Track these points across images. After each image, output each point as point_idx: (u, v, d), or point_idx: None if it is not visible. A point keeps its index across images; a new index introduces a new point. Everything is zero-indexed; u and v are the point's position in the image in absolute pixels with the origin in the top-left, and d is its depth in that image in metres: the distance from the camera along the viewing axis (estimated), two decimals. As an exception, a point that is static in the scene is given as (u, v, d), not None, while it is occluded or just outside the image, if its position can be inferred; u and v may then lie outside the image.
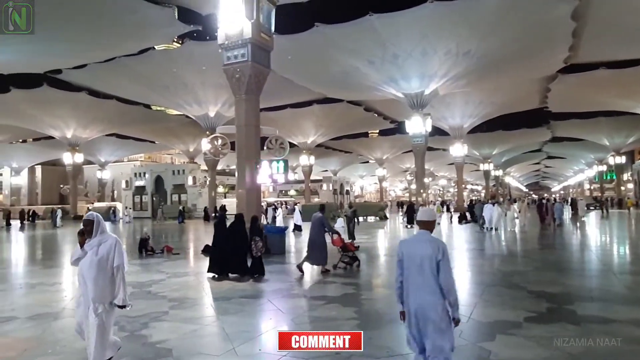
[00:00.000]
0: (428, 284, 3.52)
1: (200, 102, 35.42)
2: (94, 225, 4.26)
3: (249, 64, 13.81)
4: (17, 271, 12.56)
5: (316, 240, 10.62)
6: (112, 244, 4.25)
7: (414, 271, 3.59)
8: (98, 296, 4.13)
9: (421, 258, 3.56)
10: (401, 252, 3.74)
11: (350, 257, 11.01)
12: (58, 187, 65.68)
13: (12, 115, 39.22)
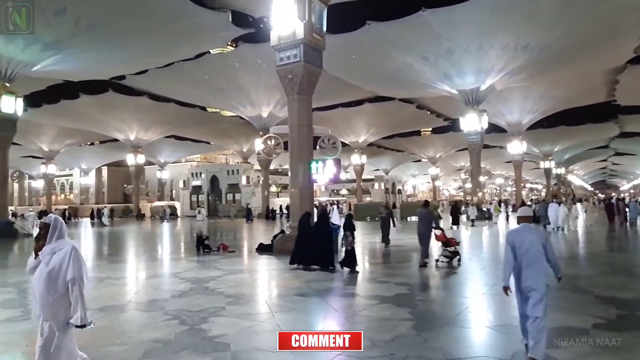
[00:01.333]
0: (537, 263, 4.56)
1: (254, 103, 36.22)
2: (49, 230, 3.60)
3: (302, 65, 13.93)
4: (86, 266, 13.37)
5: (424, 234, 11.21)
6: (67, 252, 3.55)
7: (524, 253, 4.58)
8: (46, 313, 3.51)
9: (529, 243, 4.60)
10: (512, 240, 4.69)
11: (451, 252, 11.21)
12: (122, 187, 69.48)
13: (81, 119, 42.01)
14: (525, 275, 4.57)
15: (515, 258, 4.62)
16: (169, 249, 18.29)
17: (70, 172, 71.07)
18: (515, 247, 4.63)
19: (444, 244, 11.38)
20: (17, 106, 23.56)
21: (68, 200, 70.01)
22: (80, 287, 3.56)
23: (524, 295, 4.60)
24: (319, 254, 10.94)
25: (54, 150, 52.13)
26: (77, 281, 3.54)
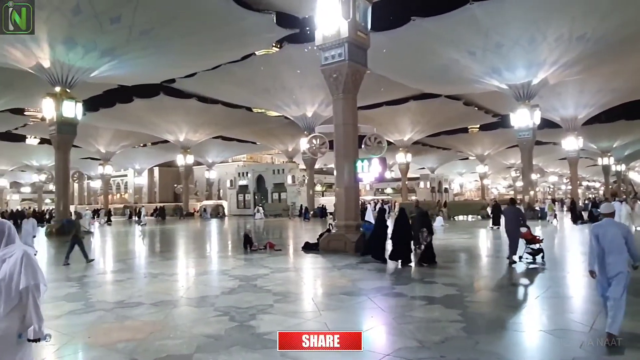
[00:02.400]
0: (618, 252, 5.09)
1: (299, 103, 36.55)
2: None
3: (346, 64, 13.91)
4: (140, 262, 13.96)
5: (512, 231, 11.35)
6: (17, 259, 3.11)
7: (608, 243, 5.12)
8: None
9: (612, 235, 5.14)
10: (596, 232, 5.23)
11: (534, 250, 11.19)
12: (172, 186, 72.12)
13: (135, 122, 44.00)
14: (608, 262, 5.11)
15: (598, 247, 5.20)
16: (216, 247, 18.78)
17: (125, 173, 74.49)
18: (599, 237, 5.19)
19: (528, 242, 11.39)
20: (77, 110, 24.89)
21: (123, 200, 73.42)
22: (34, 296, 3.13)
23: (606, 279, 5.14)
24: (398, 251, 11.48)
25: (110, 151, 54.85)
26: (32, 290, 3.11)
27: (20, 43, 21.70)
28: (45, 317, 6.55)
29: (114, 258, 15.54)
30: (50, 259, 15.88)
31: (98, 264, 13.85)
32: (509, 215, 11.82)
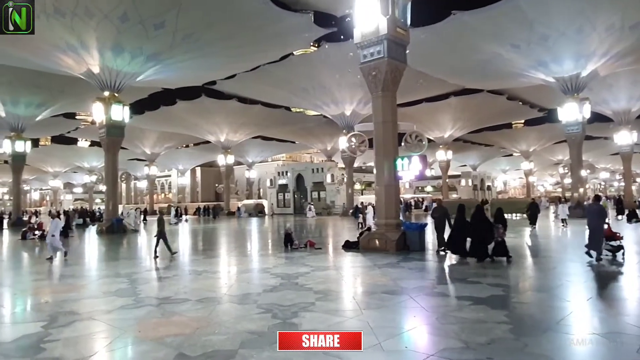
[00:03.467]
0: None
1: (337, 102, 36.55)
2: None
3: (385, 61, 13.78)
4: (184, 260, 14.37)
5: (596, 227, 11.27)
6: None
7: None
8: None
9: None
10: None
11: (614, 247, 11.17)
12: (214, 186, 73.86)
13: (178, 124, 45.39)
14: None
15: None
16: (257, 245, 19.06)
17: (169, 173, 76.92)
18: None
19: (608, 238, 11.32)
20: (124, 114, 25.92)
21: (167, 199, 75.82)
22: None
23: None
24: (476, 246, 11.57)
25: (155, 153, 56.85)
26: None
27: (72, 51, 22.80)
28: (98, 311, 6.88)
29: (160, 255, 16.05)
30: (100, 255, 16.62)
31: (145, 261, 14.37)
32: (593, 211, 11.73)
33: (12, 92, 31.47)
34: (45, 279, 11.09)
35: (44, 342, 5.56)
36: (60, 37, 21.70)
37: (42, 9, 19.47)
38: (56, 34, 21.44)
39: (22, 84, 30.57)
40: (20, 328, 6.44)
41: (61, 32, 21.33)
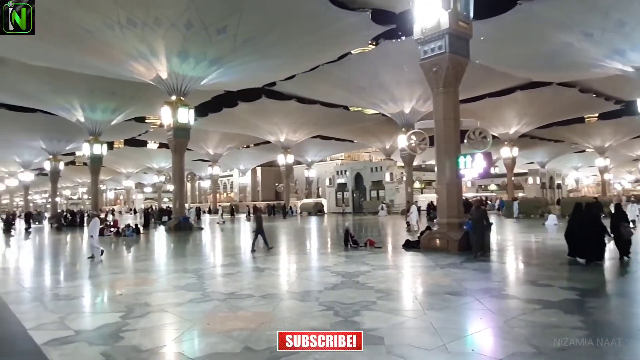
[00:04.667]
0: None
1: (396, 100, 36.08)
2: None
3: (447, 56, 13.43)
4: (246, 257, 14.78)
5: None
6: None
7: None
8: None
9: None
10: None
11: None
12: (274, 185, 75.41)
13: (239, 125, 46.85)
14: None
15: None
16: (317, 243, 19.24)
17: (231, 173, 79.44)
18: None
19: None
20: (190, 116, 27.13)
21: (229, 198, 78.36)
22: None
23: None
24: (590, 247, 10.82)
25: (218, 153, 59.02)
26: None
27: (143, 58, 24.19)
28: (169, 304, 7.23)
29: (224, 253, 16.67)
30: (169, 251, 17.49)
31: (209, 257, 14.97)
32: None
33: (91, 99, 33.94)
34: (121, 273, 11.84)
35: (122, 331, 5.95)
36: (133, 46, 23.08)
37: (117, 21, 20.85)
38: (129, 44, 22.84)
39: (99, 92, 32.91)
40: (100, 317, 6.92)
41: (133, 42, 22.68)
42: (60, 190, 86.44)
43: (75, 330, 6.08)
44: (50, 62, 27.05)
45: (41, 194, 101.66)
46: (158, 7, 20.47)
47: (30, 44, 23.99)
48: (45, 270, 13.02)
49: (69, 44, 23.30)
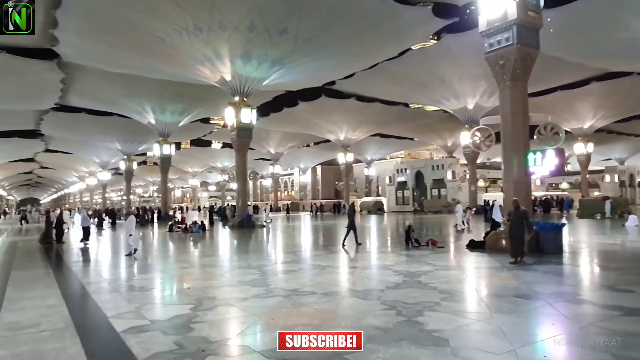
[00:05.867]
0: None
1: (458, 96, 34.99)
2: None
3: (514, 48, 12.82)
4: (306, 255, 15.00)
5: None
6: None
7: None
8: None
9: None
10: None
11: None
12: (334, 184, 75.73)
13: (300, 124, 47.50)
14: None
15: None
16: (377, 242, 19.10)
17: (291, 172, 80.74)
18: None
19: None
20: (252, 116, 27.92)
21: (290, 197, 79.70)
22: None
23: None
24: None
25: (279, 152, 60.23)
26: None
27: (208, 62, 25.19)
28: (235, 299, 7.48)
29: (285, 250, 17.00)
30: (233, 248, 18.10)
31: (272, 254, 15.31)
32: None
33: (161, 102, 35.89)
34: (189, 267, 12.42)
35: (193, 323, 6.24)
36: (199, 50, 24.09)
37: (185, 27, 21.87)
38: (195, 48, 23.87)
39: (168, 95, 34.71)
40: (172, 309, 7.30)
41: (199, 46, 23.67)
42: (134, 188, 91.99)
43: (150, 320, 6.46)
44: (125, 69, 28.92)
45: (117, 192, 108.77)
46: (222, 12, 21.20)
47: (107, 53, 25.85)
48: (121, 263, 13.92)
49: (142, 51, 24.78)
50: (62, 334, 5.84)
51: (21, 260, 14.23)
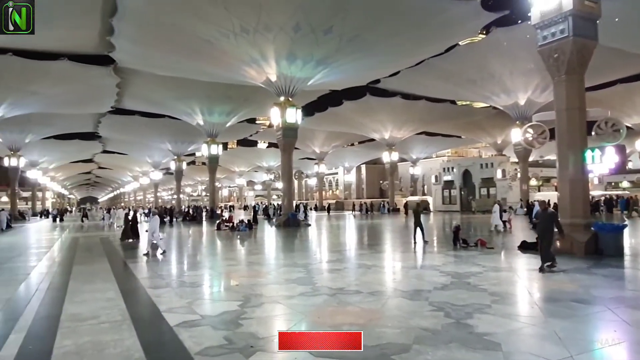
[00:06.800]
0: None
1: (509, 91, 33.77)
2: None
3: (570, 40, 12.20)
4: (351, 254, 14.93)
5: None
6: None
7: None
8: None
9: None
10: None
11: None
12: (378, 183, 75.12)
13: (344, 123, 47.46)
14: None
15: None
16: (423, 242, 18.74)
17: (336, 171, 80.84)
18: None
19: None
20: (297, 116, 28.15)
21: (335, 196, 79.83)
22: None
23: None
24: None
25: (323, 151, 60.45)
26: None
27: (255, 63, 25.65)
28: (281, 296, 7.58)
29: (330, 249, 17.04)
30: (279, 246, 18.34)
31: (317, 253, 15.38)
32: None
33: (209, 103, 36.96)
34: (237, 265, 12.70)
35: (241, 319, 6.37)
36: (245, 52, 24.58)
37: (231, 30, 22.37)
38: (242, 50, 24.37)
39: (216, 96, 35.69)
40: (221, 305, 7.49)
41: (246, 48, 24.14)
42: (183, 187, 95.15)
43: (201, 315, 6.66)
44: (175, 72, 29.98)
45: (167, 191, 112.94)
46: (268, 14, 21.51)
47: (159, 57, 26.91)
48: (173, 259, 14.42)
49: (191, 54, 25.58)
50: (120, 326, 6.13)
51: (82, 256, 15.05)
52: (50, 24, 19.79)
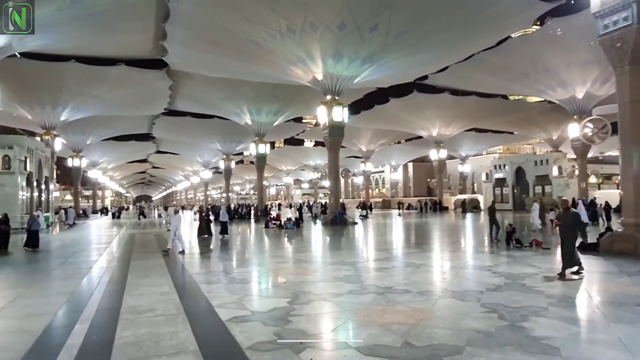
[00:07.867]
0: None
1: (565, 85, 32.16)
2: None
3: (635, 28, 11.45)
4: (399, 253, 14.75)
5: None
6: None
7: None
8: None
9: None
10: None
11: None
12: (426, 181, 73.86)
13: (391, 121, 46.98)
14: None
15: None
16: (474, 241, 18.25)
17: (382, 169, 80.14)
18: None
19: None
20: (344, 115, 28.12)
21: (381, 194, 79.17)
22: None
23: None
24: None
25: (370, 150, 60.13)
26: None
27: (301, 62, 25.86)
28: (330, 294, 7.58)
29: (377, 247, 16.92)
30: (327, 244, 18.41)
31: (364, 251, 15.31)
32: None
33: (257, 103, 37.66)
34: (285, 262, 12.87)
35: (290, 315, 6.45)
36: (292, 51, 24.83)
37: (278, 30, 22.67)
38: (288, 50, 24.64)
39: (263, 96, 36.34)
40: (271, 301, 7.61)
41: (292, 48, 24.39)
42: (232, 186, 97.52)
43: (251, 311, 6.80)
44: (224, 73, 30.78)
45: (217, 190, 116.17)
46: (314, 13, 21.62)
47: (209, 59, 27.70)
48: (226, 256, 14.81)
49: (239, 55, 26.16)
50: (175, 319, 6.37)
51: (139, 251, 15.76)
52: (108, 31, 20.87)
